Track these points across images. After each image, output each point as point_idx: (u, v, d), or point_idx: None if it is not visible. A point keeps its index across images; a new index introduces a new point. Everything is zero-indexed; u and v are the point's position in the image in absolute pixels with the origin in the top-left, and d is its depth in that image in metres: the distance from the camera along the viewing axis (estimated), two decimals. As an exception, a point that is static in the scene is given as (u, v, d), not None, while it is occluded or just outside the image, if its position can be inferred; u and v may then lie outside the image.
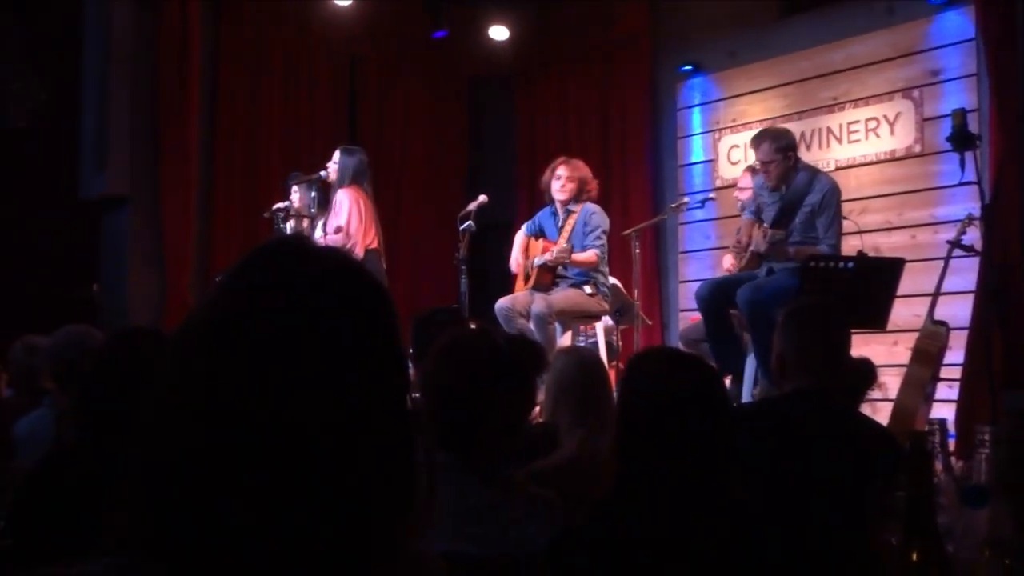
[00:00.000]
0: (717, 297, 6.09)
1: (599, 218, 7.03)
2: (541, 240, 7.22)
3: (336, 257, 1.06)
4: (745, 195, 7.25)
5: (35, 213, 8.34)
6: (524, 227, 7.47)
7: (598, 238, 6.96)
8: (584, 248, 6.91)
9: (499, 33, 10.01)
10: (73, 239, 8.85)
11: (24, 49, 8.06)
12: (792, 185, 6.01)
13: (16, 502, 2.57)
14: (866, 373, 3.95)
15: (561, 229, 7.03)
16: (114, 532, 0.94)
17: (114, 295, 8.74)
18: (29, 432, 4.06)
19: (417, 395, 2.39)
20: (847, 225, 6.15)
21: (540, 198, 7.49)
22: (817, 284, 5.44)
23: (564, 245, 6.81)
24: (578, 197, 7.11)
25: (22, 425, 4.13)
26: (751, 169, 7.35)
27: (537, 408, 6.10)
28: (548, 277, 7.01)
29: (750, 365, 6.14)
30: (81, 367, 3.45)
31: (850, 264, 5.57)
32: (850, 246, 6.24)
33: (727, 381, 6.27)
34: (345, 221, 6.90)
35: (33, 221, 8.32)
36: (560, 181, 7.09)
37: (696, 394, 2.15)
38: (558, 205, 7.15)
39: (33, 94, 8.06)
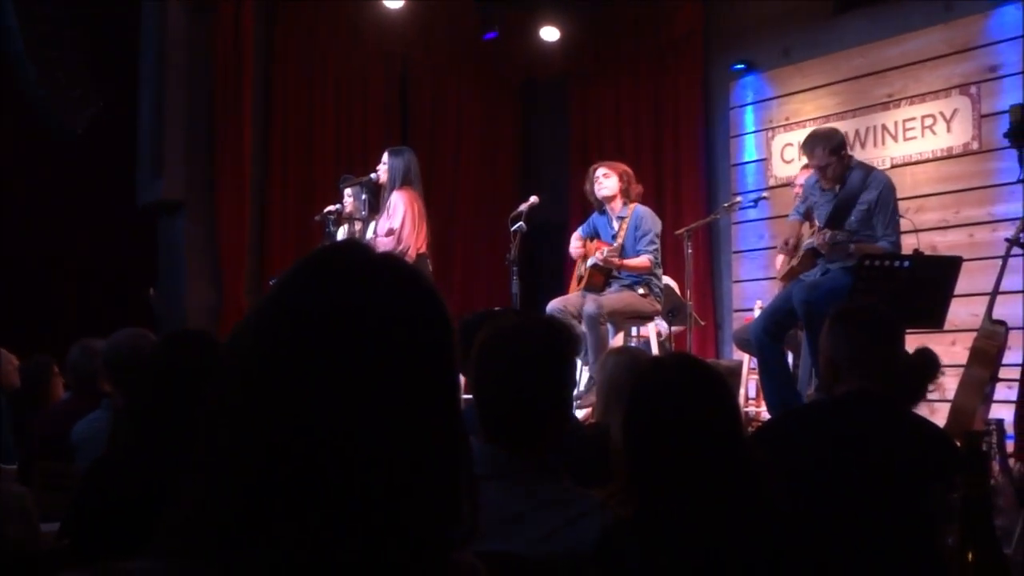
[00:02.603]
0: (769, 328, 6.01)
1: (650, 222, 6.99)
2: (596, 241, 7.19)
3: (391, 263, 1.06)
4: (805, 191, 7.17)
5: (93, 219, 8.46)
6: (579, 230, 7.45)
7: (651, 242, 6.92)
8: (637, 253, 6.87)
9: (550, 34, 10.00)
10: (131, 244, 8.96)
11: (82, 57, 8.17)
12: (846, 183, 5.95)
13: (73, 504, 2.60)
14: (928, 363, 3.85)
15: (615, 237, 6.98)
16: (167, 532, 0.95)
17: (171, 299, 8.85)
18: (87, 434, 4.11)
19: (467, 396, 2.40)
20: (903, 224, 6.07)
21: (592, 199, 7.45)
22: (872, 283, 5.37)
23: (614, 245, 6.80)
24: (626, 198, 7.07)
25: (80, 427, 4.18)
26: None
27: (589, 409, 6.11)
28: (600, 278, 6.99)
29: (804, 365, 6.09)
30: (135, 370, 3.50)
31: (906, 263, 5.50)
32: (906, 245, 6.16)
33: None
34: (399, 224, 6.87)
35: (91, 227, 8.43)
36: (599, 181, 7.07)
37: (702, 408, 2.15)
38: (609, 211, 7.11)
39: (91, 101, 8.16)
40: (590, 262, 6.98)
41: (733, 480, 2.09)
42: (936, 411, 6.03)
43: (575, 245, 7.30)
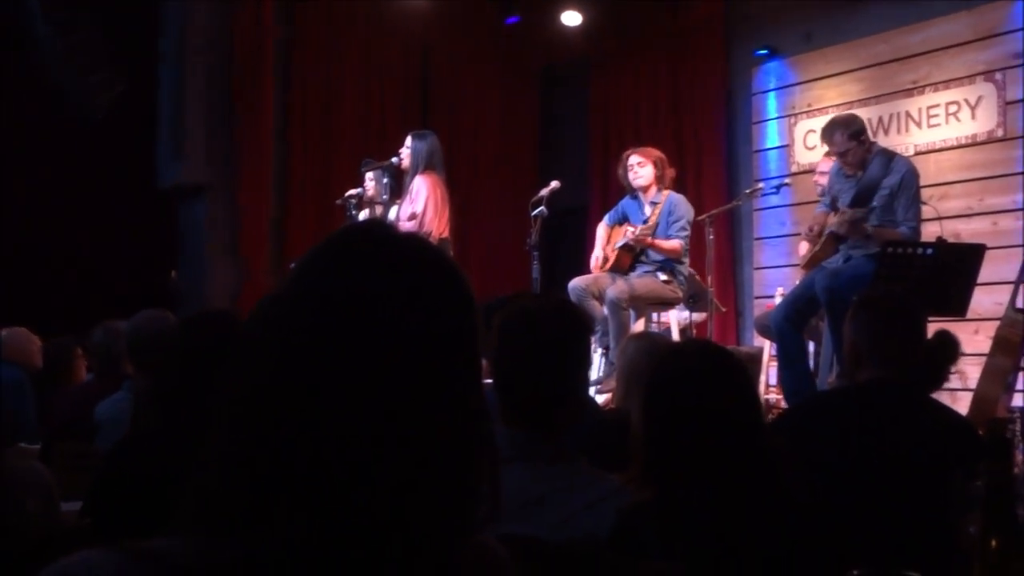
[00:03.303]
0: (790, 315, 5.99)
1: (684, 208, 6.97)
2: (625, 225, 7.16)
3: (414, 244, 1.05)
4: (826, 179, 7.10)
5: (115, 202, 8.48)
6: (605, 218, 7.42)
7: (683, 228, 6.90)
8: (668, 237, 6.85)
9: (572, 19, 9.96)
10: (152, 227, 8.99)
11: (103, 40, 8.19)
12: (868, 169, 5.91)
13: (94, 484, 2.62)
14: (947, 345, 3.80)
15: (647, 220, 6.96)
16: (187, 512, 0.95)
17: (192, 281, 8.89)
18: (109, 415, 4.13)
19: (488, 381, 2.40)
20: (926, 211, 6.03)
21: (612, 184, 7.46)
22: (895, 270, 5.35)
23: (647, 225, 6.78)
24: (660, 184, 7.04)
25: (103, 408, 4.20)
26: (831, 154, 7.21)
27: (609, 395, 6.10)
28: (628, 259, 6.97)
29: (826, 352, 6.07)
30: (157, 351, 3.51)
31: (929, 250, 5.47)
32: (929, 232, 6.12)
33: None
34: (421, 209, 6.85)
35: (113, 210, 8.47)
36: (634, 170, 7.05)
37: (721, 395, 2.15)
38: (642, 196, 7.09)
39: (112, 85, 8.18)
40: (620, 243, 6.95)
41: (751, 468, 2.10)
42: (958, 399, 6.01)
43: (597, 256, 7.25)
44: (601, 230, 7.37)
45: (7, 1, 7.93)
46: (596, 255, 7.26)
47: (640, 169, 7.02)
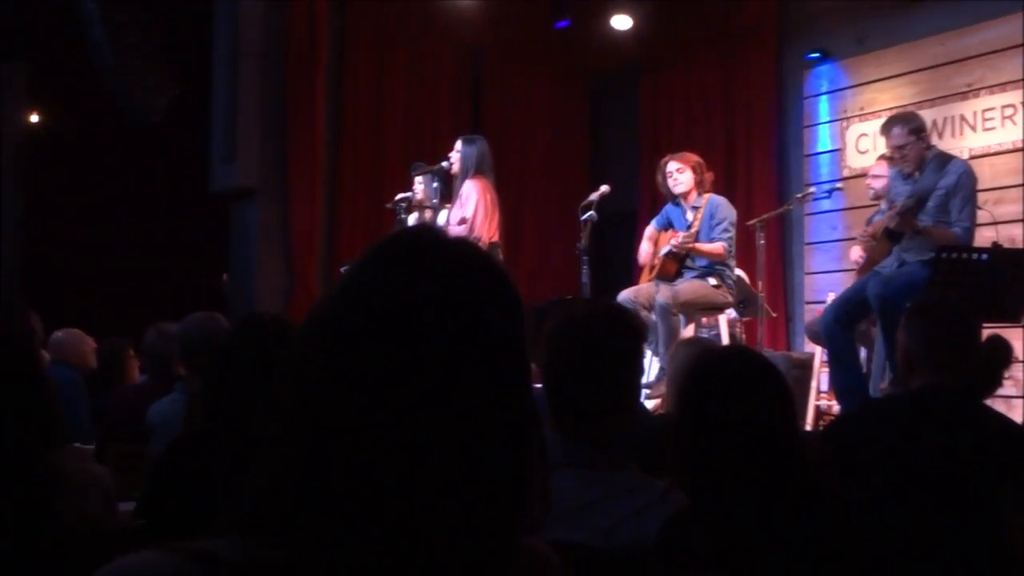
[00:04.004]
0: (840, 317, 5.94)
1: (726, 210, 6.91)
2: (670, 231, 7.12)
3: (463, 249, 1.06)
4: (879, 183, 7.00)
5: (167, 205, 8.58)
6: (653, 222, 7.39)
7: (725, 230, 6.84)
8: (711, 240, 6.81)
9: (622, 23, 9.92)
10: (203, 230, 9.08)
11: (157, 44, 8.29)
12: (924, 172, 5.85)
13: (148, 485, 2.65)
14: (999, 349, 3.75)
15: (690, 226, 6.91)
16: (240, 513, 0.96)
17: (243, 284, 8.96)
18: (162, 417, 4.16)
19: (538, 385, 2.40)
20: (981, 215, 5.95)
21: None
22: (949, 276, 5.29)
23: (690, 232, 6.74)
24: (700, 188, 7.01)
25: (156, 410, 4.24)
26: (885, 158, 7.13)
27: (659, 400, 6.08)
28: (673, 267, 6.92)
29: (878, 359, 6.01)
30: (208, 353, 3.54)
31: (984, 256, 5.40)
32: (985, 237, 6.04)
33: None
34: (471, 213, 6.85)
35: (165, 213, 8.56)
36: (673, 176, 7.00)
37: (749, 402, 2.14)
38: (683, 201, 7.05)
39: (166, 89, 8.28)
40: (664, 250, 6.92)
41: (783, 475, 2.08)
42: (1013, 406, 5.93)
43: (645, 250, 7.20)
44: (649, 230, 7.32)
45: (66, 6, 8.05)
46: (644, 248, 7.19)
47: (679, 176, 6.98)
